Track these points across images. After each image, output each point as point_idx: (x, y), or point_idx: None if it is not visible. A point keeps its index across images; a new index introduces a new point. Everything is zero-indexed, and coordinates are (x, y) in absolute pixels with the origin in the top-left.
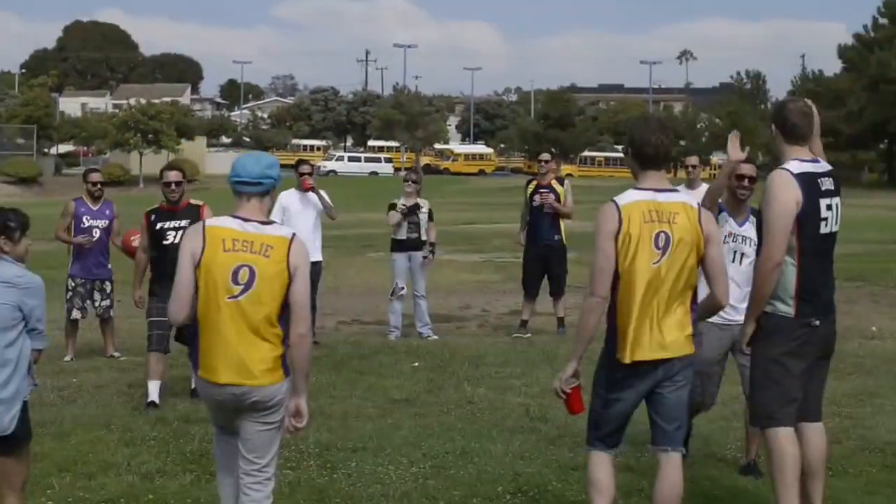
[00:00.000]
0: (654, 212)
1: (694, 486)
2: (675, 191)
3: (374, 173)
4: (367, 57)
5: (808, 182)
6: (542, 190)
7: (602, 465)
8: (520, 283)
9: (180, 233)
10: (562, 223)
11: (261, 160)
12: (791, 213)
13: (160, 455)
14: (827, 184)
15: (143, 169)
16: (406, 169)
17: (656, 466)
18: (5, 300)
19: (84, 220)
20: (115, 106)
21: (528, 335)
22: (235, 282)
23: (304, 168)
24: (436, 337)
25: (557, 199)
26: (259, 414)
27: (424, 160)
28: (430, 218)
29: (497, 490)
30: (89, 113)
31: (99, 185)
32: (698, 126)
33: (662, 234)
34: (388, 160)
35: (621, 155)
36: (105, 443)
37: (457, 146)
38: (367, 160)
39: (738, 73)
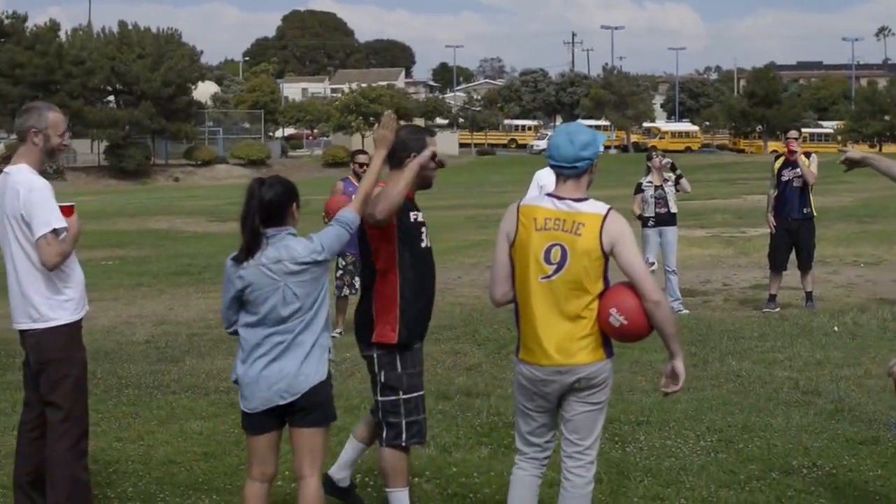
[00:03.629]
0: None
1: None
2: None
3: None
4: (573, 39)
5: None
6: (790, 165)
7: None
8: (752, 258)
9: None
10: (811, 197)
11: (575, 140)
12: None
13: (450, 429)
14: None
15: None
16: (648, 149)
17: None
18: (301, 286)
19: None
20: (333, 90)
21: (778, 309)
22: (548, 261)
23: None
24: (687, 311)
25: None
26: (583, 394)
27: (633, 138)
28: (677, 182)
29: (792, 464)
30: (311, 97)
31: (365, 167)
32: None
33: None
34: None
35: (827, 131)
36: None
37: (663, 124)
38: None
39: None
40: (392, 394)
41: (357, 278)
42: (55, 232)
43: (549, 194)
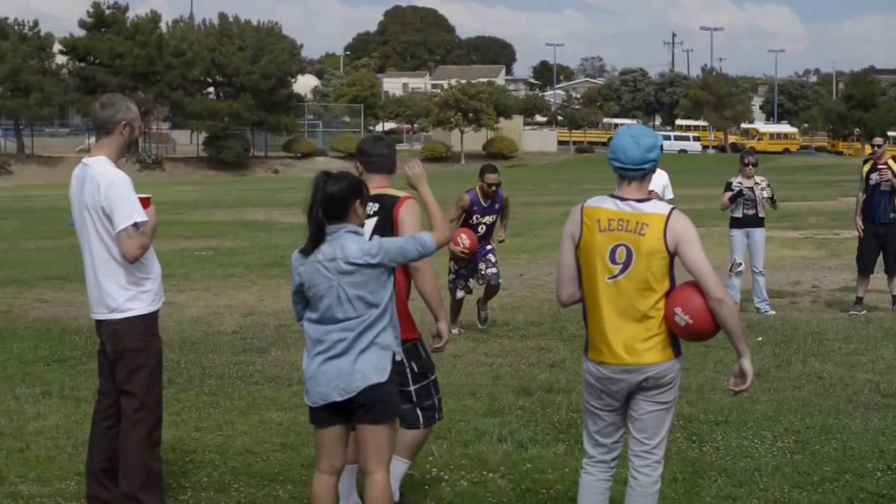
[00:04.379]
0: None
1: None
2: None
3: (682, 151)
4: (673, 39)
5: None
6: (880, 167)
7: None
8: (844, 260)
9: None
10: None
11: (641, 143)
12: None
13: (528, 424)
14: None
15: (464, 146)
16: (744, 152)
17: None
18: (355, 287)
19: (474, 217)
20: (433, 86)
21: (864, 312)
22: (613, 261)
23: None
24: (773, 312)
25: (894, 175)
26: (651, 393)
27: (731, 139)
28: (773, 202)
29: (867, 466)
30: (411, 93)
31: (494, 187)
32: None
33: None
34: (696, 139)
35: None
36: (473, 411)
37: (761, 125)
38: (676, 138)
39: None
40: (423, 379)
41: (472, 280)
42: (136, 225)
43: (611, 195)
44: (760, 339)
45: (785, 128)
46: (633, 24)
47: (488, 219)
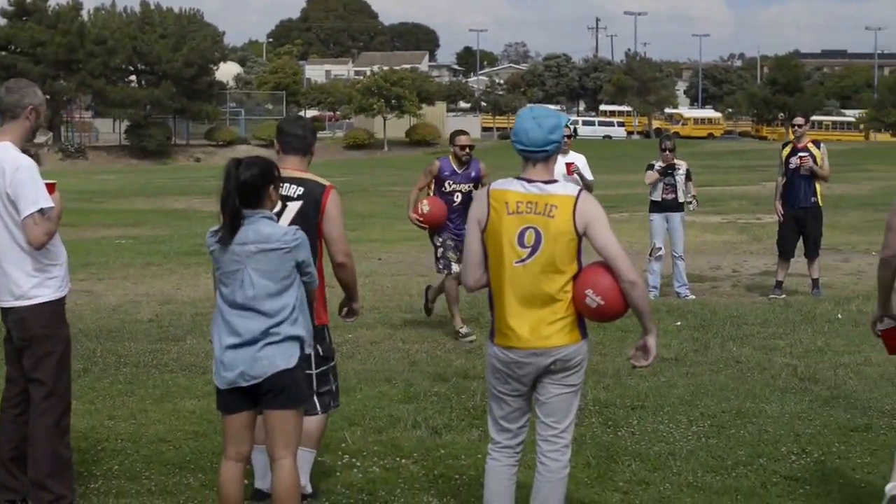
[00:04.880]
0: None
1: None
2: None
3: (607, 137)
4: (597, 24)
5: None
6: (800, 153)
7: None
8: (765, 244)
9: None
10: (818, 185)
11: (543, 124)
12: None
13: (443, 410)
14: None
15: (386, 133)
16: (662, 137)
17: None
18: (261, 274)
19: (446, 184)
20: (356, 73)
21: (784, 296)
22: (522, 245)
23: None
24: (693, 297)
25: (814, 162)
26: (558, 376)
27: (655, 124)
28: (689, 178)
29: (781, 451)
30: (334, 80)
31: (467, 148)
32: None
33: None
34: (621, 124)
35: (849, 119)
36: (388, 397)
37: (686, 110)
38: (601, 124)
39: None
40: (325, 363)
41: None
42: (42, 211)
43: (518, 177)
44: (679, 323)
45: (709, 113)
46: (558, 9)
47: (464, 186)
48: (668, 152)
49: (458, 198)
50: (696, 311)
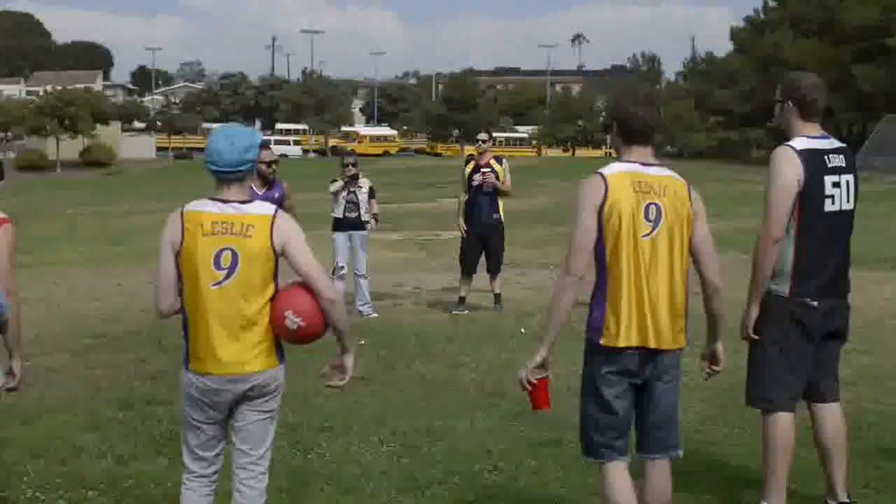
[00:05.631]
0: (643, 183)
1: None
2: (662, 165)
3: (283, 155)
4: (273, 43)
5: (812, 159)
6: (483, 170)
7: (621, 478)
8: (445, 260)
9: None
10: (500, 202)
11: (237, 143)
12: (792, 191)
13: (128, 438)
14: (836, 160)
15: (59, 154)
16: (343, 153)
17: (643, 475)
18: None
19: None
20: (29, 93)
21: (467, 311)
22: (218, 267)
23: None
24: (376, 315)
25: (497, 178)
26: (256, 402)
27: (331, 142)
28: (372, 195)
29: (474, 468)
30: (5, 100)
31: (272, 166)
32: (596, 106)
33: (653, 206)
34: (297, 142)
35: (522, 135)
36: (71, 426)
37: (362, 128)
38: (277, 143)
39: (634, 56)
40: None
41: None
42: None
43: (212, 198)
44: (363, 342)
45: (385, 130)
46: (234, 27)
47: None
48: (350, 167)
49: None
50: (381, 330)
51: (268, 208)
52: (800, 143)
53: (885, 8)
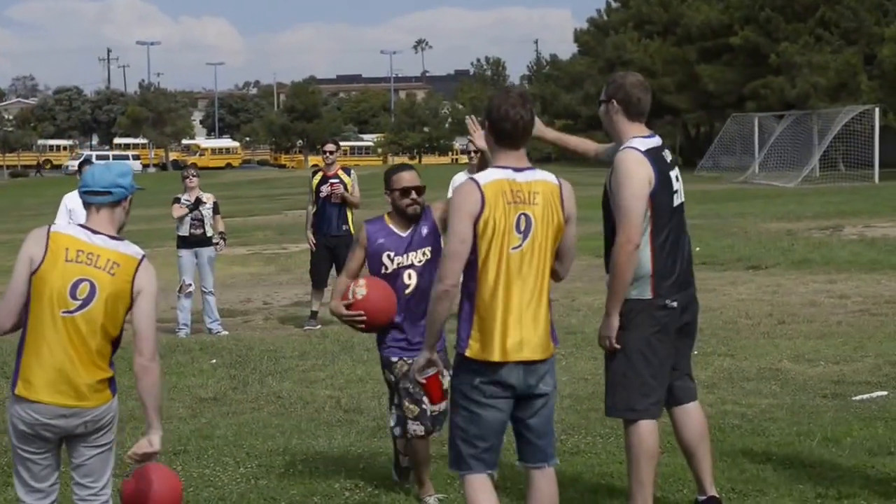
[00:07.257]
0: (515, 192)
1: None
2: (533, 169)
3: None
4: (108, 55)
5: (656, 157)
6: (331, 181)
7: (484, 490)
8: (295, 274)
9: None
10: (349, 213)
11: (112, 168)
12: (646, 193)
13: None
14: (669, 156)
15: None
16: (184, 166)
17: (526, 484)
18: None
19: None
20: None
21: (319, 326)
22: (73, 296)
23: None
24: (226, 332)
25: (345, 189)
26: (89, 438)
27: (172, 156)
28: (216, 211)
29: (335, 487)
30: None
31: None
32: (442, 112)
33: (524, 217)
34: (136, 157)
35: (368, 144)
36: None
37: (203, 141)
38: (116, 158)
39: (479, 60)
40: None
41: None
42: None
43: (82, 225)
44: (214, 361)
45: (227, 142)
46: (66, 40)
47: (417, 256)
48: (191, 178)
49: (410, 278)
50: (231, 348)
51: (136, 251)
52: (640, 143)
53: (728, 7)
